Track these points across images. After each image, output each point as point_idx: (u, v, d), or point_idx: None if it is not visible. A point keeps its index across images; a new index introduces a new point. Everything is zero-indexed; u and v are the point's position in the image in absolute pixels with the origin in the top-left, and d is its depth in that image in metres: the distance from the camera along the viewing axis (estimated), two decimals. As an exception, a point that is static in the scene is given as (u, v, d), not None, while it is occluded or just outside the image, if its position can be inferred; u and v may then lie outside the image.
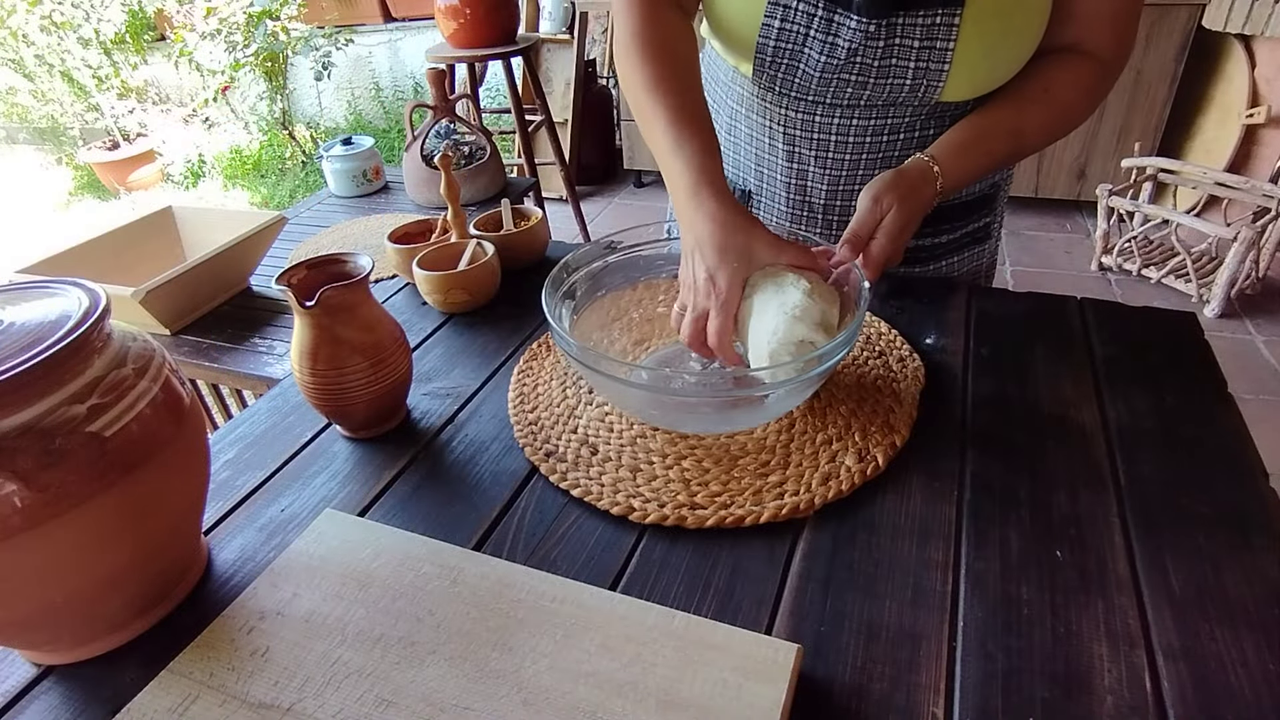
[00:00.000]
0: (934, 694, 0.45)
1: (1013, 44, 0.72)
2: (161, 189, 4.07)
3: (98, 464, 0.44)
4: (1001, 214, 0.97)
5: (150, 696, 0.45)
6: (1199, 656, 0.46)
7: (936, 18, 0.69)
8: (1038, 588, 0.51)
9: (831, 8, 0.72)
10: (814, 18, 0.72)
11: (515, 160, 2.71)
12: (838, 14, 0.71)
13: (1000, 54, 0.72)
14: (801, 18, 0.73)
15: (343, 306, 0.63)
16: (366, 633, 0.48)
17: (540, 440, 0.67)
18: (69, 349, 0.43)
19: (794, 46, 0.74)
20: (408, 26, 3.94)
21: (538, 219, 1.00)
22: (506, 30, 2.30)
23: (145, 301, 1.09)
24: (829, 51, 0.73)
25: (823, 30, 0.73)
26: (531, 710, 0.43)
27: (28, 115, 4.39)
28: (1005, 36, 0.71)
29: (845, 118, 0.79)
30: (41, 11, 3.65)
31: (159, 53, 4.19)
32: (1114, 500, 0.57)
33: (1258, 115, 2.49)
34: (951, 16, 0.68)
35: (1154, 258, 2.48)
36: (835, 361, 0.59)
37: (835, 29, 0.72)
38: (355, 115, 4.29)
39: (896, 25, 0.71)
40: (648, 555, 0.56)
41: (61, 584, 0.45)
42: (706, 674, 0.44)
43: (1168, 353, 0.73)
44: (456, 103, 1.58)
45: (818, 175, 0.85)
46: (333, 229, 1.48)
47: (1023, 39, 0.72)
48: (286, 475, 0.66)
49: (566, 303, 0.71)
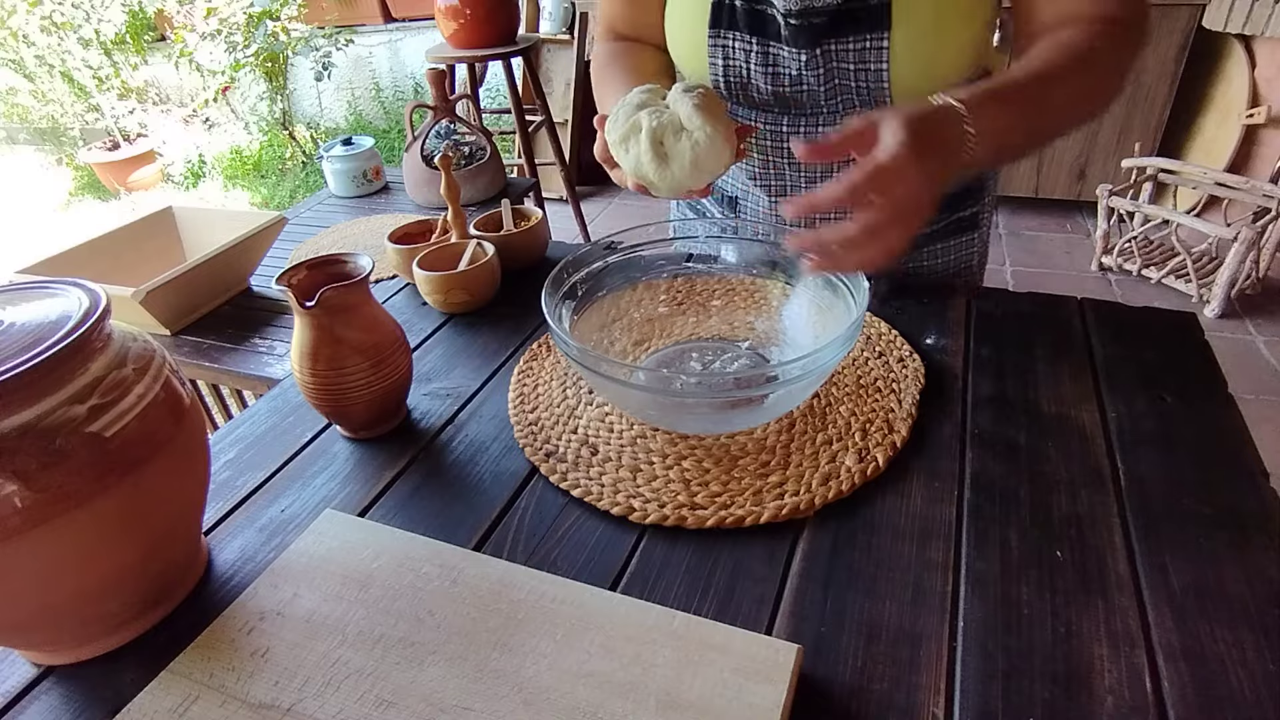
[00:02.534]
0: (934, 694, 0.45)
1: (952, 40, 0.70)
2: (162, 189, 4.07)
3: (98, 464, 0.44)
4: (991, 205, 0.94)
5: (150, 697, 0.45)
6: (1199, 656, 0.46)
7: (866, 42, 0.70)
8: (1038, 588, 0.51)
9: (764, 42, 0.73)
10: (750, 53, 0.74)
11: (515, 160, 2.71)
12: (771, 46, 0.73)
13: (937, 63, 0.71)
14: (740, 54, 0.75)
15: (343, 307, 0.63)
16: (366, 633, 0.48)
17: (540, 440, 0.67)
18: (69, 349, 0.43)
19: (741, 79, 0.77)
20: (408, 27, 3.93)
21: (538, 219, 1.00)
22: (506, 30, 2.30)
23: (145, 302, 1.09)
24: (774, 80, 0.76)
25: (762, 63, 0.75)
26: (532, 710, 0.43)
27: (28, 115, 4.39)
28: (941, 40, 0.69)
29: (810, 125, 0.80)
30: (42, 12, 3.65)
31: (159, 53, 4.19)
32: (1114, 500, 0.57)
33: (1258, 115, 2.49)
34: (880, 40, 0.69)
35: (1154, 258, 2.48)
36: (835, 361, 0.59)
37: (774, 60, 0.74)
38: (355, 115, 4.29)
39: (830, 52, 0.71)
40: (648, 555, 0.56)
41: (62, 584, 0.45)
42: (706, 674, 0.44)
43: (1168, 353, 0.73)
44: (456, 103, 1.58)
45: (793, 176, 0.85)
46: (333, 229, 1.48)
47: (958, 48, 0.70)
48: (286, 475, 0.66)
49: (566, 303, 0.71)
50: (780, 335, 0.76)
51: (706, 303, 0.80)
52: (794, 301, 0.75)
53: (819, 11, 0.69)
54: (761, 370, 0.67)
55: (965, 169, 0.58)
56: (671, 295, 0.81)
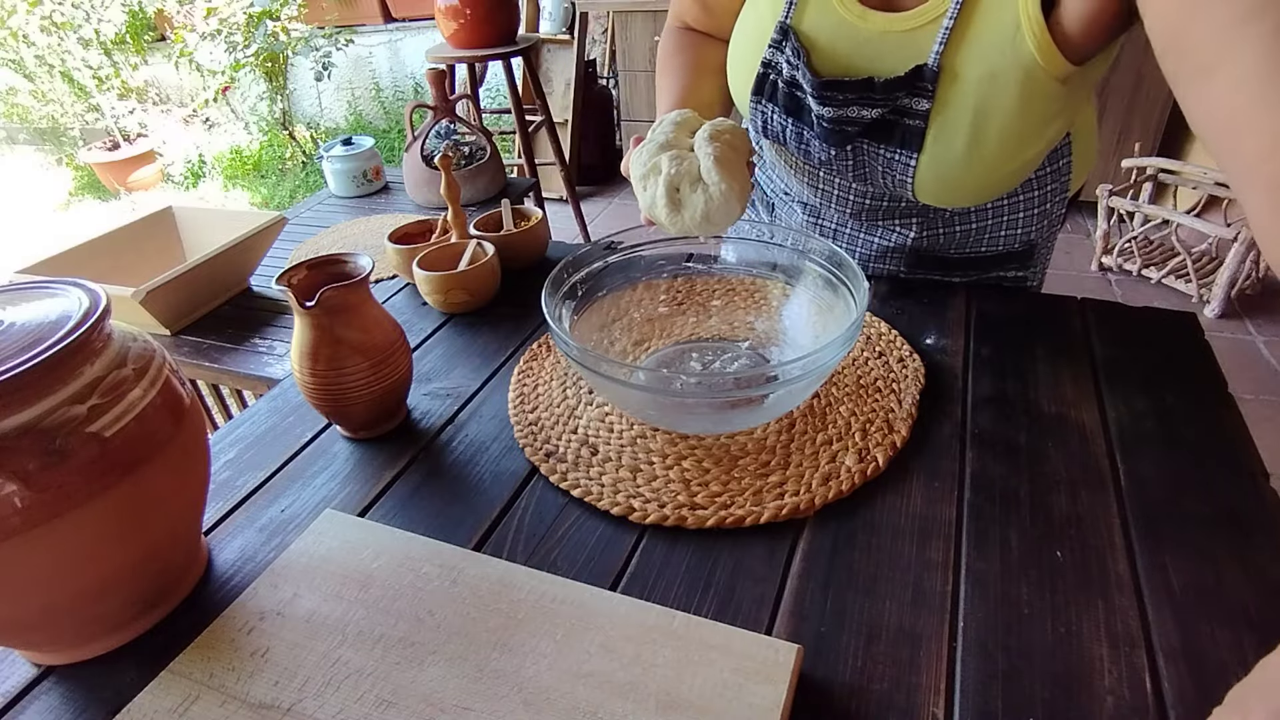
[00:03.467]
0: (934, 694, 0.45)
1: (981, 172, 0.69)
2: (162, 189, 4.07)
3: (98, 464, 0.44)
4: (1040, 274, 0.90)
5: (150, 697, 0.45)
6: (1199, 656, 0.46)
7: (895, 154, 0.70)
8: (1038, 588, 0.51)
9: (800, 125, 0.74)
10: (786, 129, 0.75)
11: (515, 160, 2.71)
12: (805, 132, 0.74)
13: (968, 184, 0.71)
14: (777, 126, 0.76)
15: (343, 307, 0.63)
16: (366, 633, 0.48)
17: (540, 440, 0.67)
18: (69, 349, 0.43)
19: (778, 141, 0.78)
20: (408, 27, 3.93)
21: (538, 219, 1.00)
22: (506, 30, 2.30)
23: (145, 302, 1.09)
24: (805, 158, 0.76)
25: (795, 140, 0.75)
26: (532, 710, 0.43)
27: (28, 116, 4.39)
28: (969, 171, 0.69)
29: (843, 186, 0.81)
30: (42, 12, 3.65)
31: (159, 53, 4.19)
32: (1114, 500, 0.57)
33: (1258, 115, 2.49)
34: (910, 157, 0.69)
35: (1154, 258, 2.48)
36: (835, 361, 0.59)
37: (806, 143, 0.74)
38: (355, 115, 4.29)
39: (861, 149, 0.72)
40: (648, 555, 0.56)
41: (62, 584, 0.45)
42: (706, 674, 0.44)
43: (1168, 353, 0.73)
44: (456, 103, 1.58)
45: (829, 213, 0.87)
46: (333, 229, 1.47)
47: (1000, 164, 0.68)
48: (286, 475, 0.66)
49: (567, 303, 0.71)
50: (780, 335, 0.76)
51: (706, 303, 0.80)
52: (794, 301, 0.75)
53: (853, 121, 0.69)
54: (761, 370, 0.67)
55: None
56: (671, 295, 0.81)
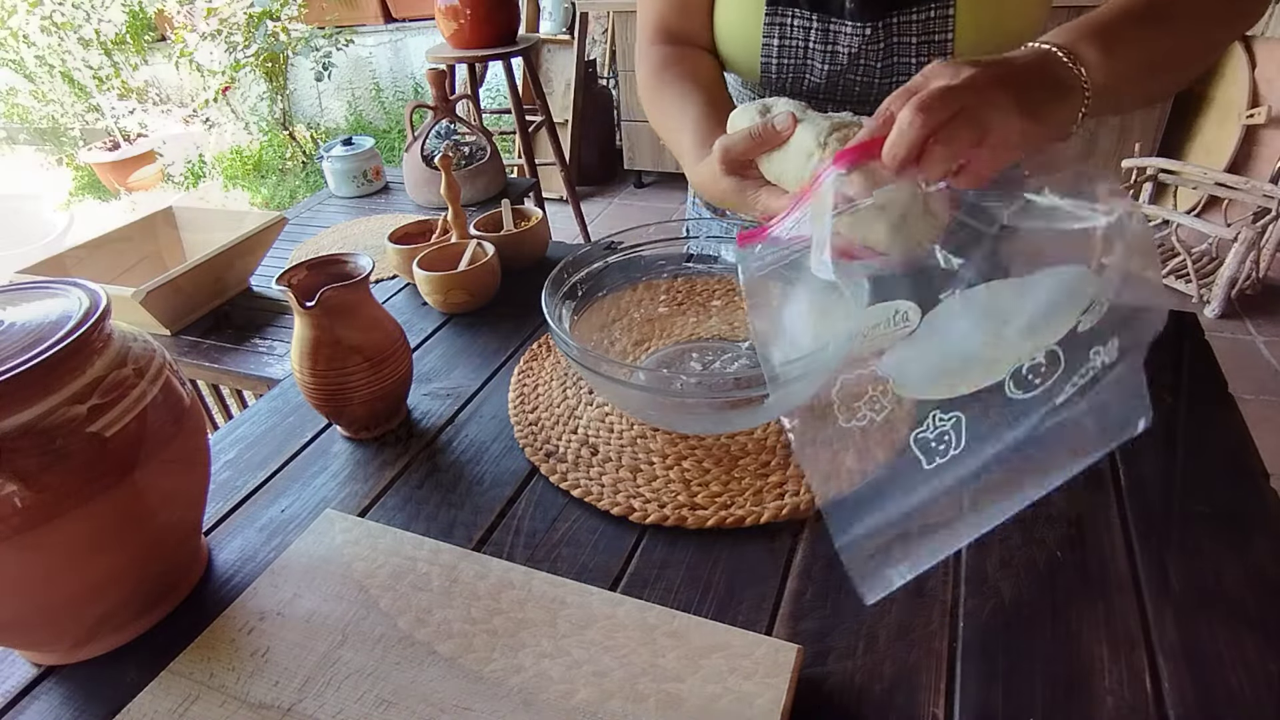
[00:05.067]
0: (934, 694, 0.45)
1: (1013, 18, 0.70)
2: (162, 189, 4.07)
3: (98, 464, 0.44)
4: None
5: (150, 697, 0.45)
6: (1199, 656, 0.46)
7: (931, 12, 0.69)
8: (1038, 588, 0.51)
9: (825, 18, 0.72)
10: (810, 30, 0.73)
11: (515, 160, 2.71)
12: (833, 23, 0.72)
13: (1002, 32, 0.71)
14: (798, 32, 0.74)
15: (343, 307, 0.63)
16: (366, 633, 0.48)
17: (540, 440, 0.67)
18: (69, 349, 0.43)
19: (796, 60, 0.76)
20: (408, 27, 3.93)
21: (538, 219, 1.00)
22: (507, 31, 2.30)
23: (145, 302, 1.09)
24: (831, 59, 0.74)
25: (821, 41, 0.74)
26: (531, 710, 0.43)
27: (28, 116, 4.38)
28: (1001, 17, 0.70)
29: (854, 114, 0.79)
30: (42, 12, 3.65)
31: (159, 53, 4.19)
32: (1114, 500, 0.57)
33: (1258, 115, 2.49)
34: (946, 8, 0.69)
35: (1154, 258, 2.48)
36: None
37: (833, 37, 0.73)
38: (355, 116, 4.29)
39: (893, 25, 0.71)
40: (648, 555, 0.56)
41: (62, 584, 0.45)
42: (706, 674, 0.44)
43: (1168, 353, 0.73)
44: (457, 103, 1.58)
45: None
46: (333, 229, 1.47)
47: (1023, 10, 0.70)
48: (286, 475, 0.66)
49: (566, 303, 0.71)
50: (780, 335, 0.76)
51: (706, 303, 0.80)
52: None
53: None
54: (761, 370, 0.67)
55: (1075, 115, 0.48)
56: (671, 295, 0.81)
